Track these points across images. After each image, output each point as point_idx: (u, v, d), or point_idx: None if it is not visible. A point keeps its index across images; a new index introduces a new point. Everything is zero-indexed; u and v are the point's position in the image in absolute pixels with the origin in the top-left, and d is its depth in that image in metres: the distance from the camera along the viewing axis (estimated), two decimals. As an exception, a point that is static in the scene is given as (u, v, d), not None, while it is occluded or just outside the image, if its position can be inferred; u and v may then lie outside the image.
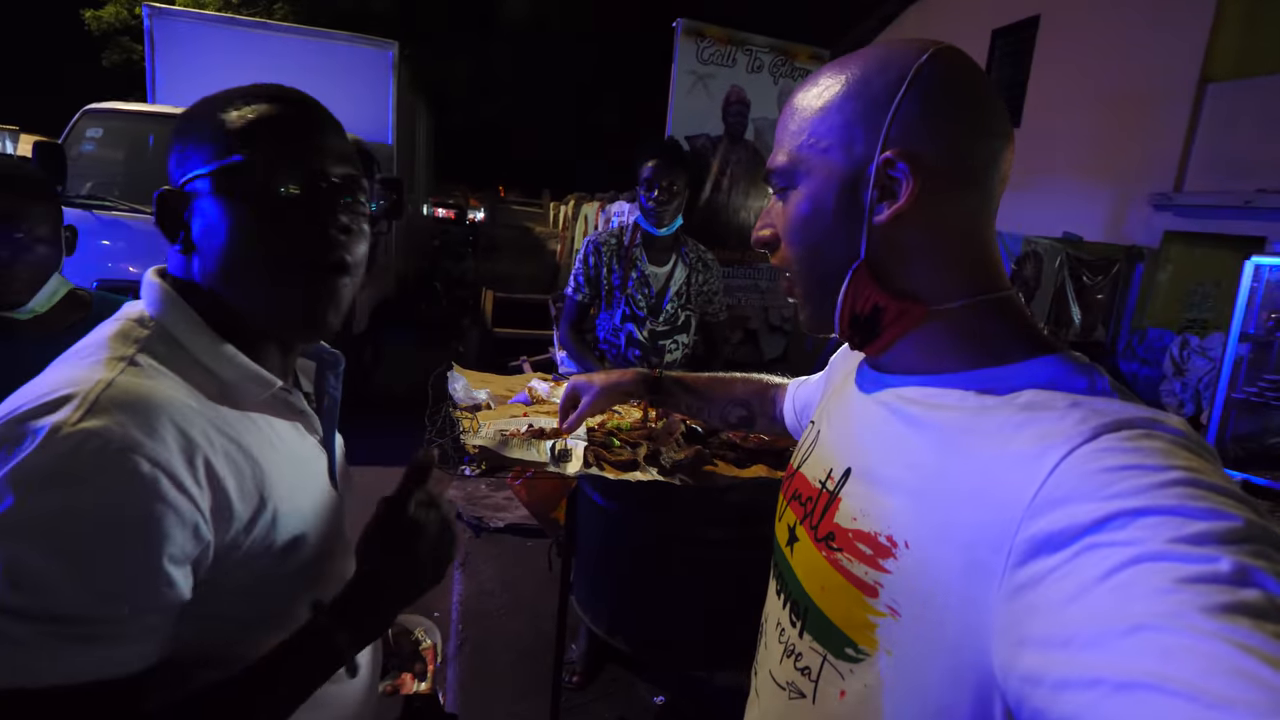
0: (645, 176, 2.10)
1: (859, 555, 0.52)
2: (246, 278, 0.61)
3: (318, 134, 0.63)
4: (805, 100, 0.57)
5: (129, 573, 0.49)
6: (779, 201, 0.59)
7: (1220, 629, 0.29)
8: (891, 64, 0.53)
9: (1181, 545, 0.33)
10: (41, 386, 0.52)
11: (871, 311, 0.54)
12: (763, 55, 4.10)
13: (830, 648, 0.54)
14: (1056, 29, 8.06)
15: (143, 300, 0.62)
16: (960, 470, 0.47)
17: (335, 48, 5.44)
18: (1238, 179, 6.10)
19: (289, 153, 0.61)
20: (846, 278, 0.54)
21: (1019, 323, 0.53)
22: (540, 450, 1.31)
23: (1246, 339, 3.27)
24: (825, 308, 0.57)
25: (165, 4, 5.76)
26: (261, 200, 0.59)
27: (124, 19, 14.46)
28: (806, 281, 0.58)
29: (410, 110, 6.58)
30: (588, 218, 7.89)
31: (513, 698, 2.18)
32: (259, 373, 0.62)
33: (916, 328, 0.54)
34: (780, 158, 0.58)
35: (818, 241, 0.56)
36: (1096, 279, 6.48)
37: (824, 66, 0.57)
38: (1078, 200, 7.51)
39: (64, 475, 0.47)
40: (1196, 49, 6.42)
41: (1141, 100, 6.89)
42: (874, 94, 0.52)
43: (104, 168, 4.01)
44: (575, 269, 2.26)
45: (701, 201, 4.08)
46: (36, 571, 0.46)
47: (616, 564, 1.62)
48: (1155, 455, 0.38)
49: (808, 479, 0.64)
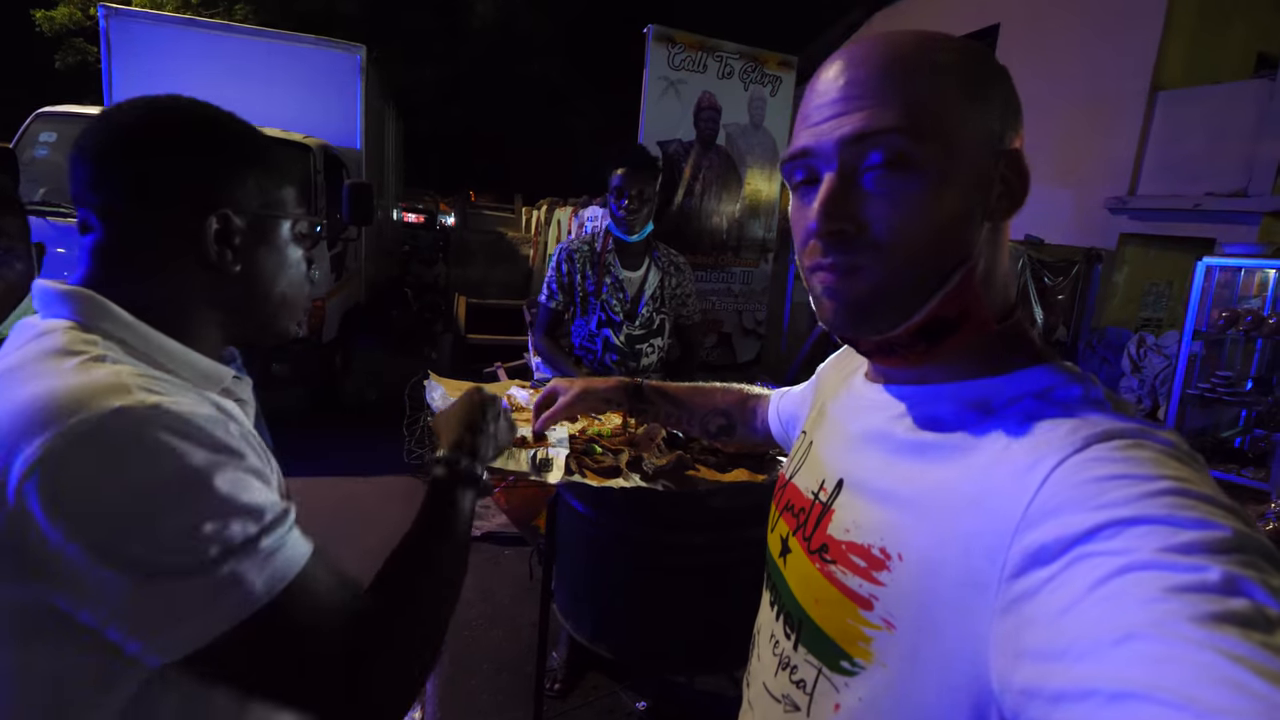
0: (615, 184, 2.11)
1: (853, 567, 0.51)
2: (277, 299, 0.72)
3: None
4: (910, 60, 0.48)
5: (258, 481, 0.56)
6: (869, 178, 0.48)
7: (1209, 638, 0.29)
8: (990, 56, 0.50)
9: (1171, 555, 0.33)
10: (43, 403, 0.50)
11: (956, 317, 0.49)
12: (733, 61, 4.14)
13: (825, 660, 0.54)
14: (1015, 37, 8.32)
15: (61, 314, 0.60)
16: (954, 482, 0.46)
17: (301, 51, 5.33)
18: (1188, 183, 6.37)
19: (307, 204, 0.70)
20: (955, 277, 0.48)
21: (1023, 334, 0.52)
22: (521, 459, 1.30)
23: (1199, 336, 3.40)
24: (902, 309, 0.49)
25: (121, 4, 5.59)
26: (308, 240, 0.76)
27: (78, 20, 13.98)
28: (894, 277, 0.49)
29: (379, 114, 6.49)
30: (560, 222, 7.87)
31: (493, 708, 2.16)
32: (215, 366, 0.66)
33: (972, 340, 0.51)
34: (889, 120, 0.46)
35: (935, 233, 0.48)
36: (1057, 280, 6.68)
37: (900, 34, 0.50)
38: (1038, 204, 7.74)
39: (174, 431, 0.52)
40: (1147, 58, 6.69)
41: (1097, 107, 7.14)
42: (993, 80, 0.49)
43: (58, 173, 3.88)
44: (548, 276, 2.26)
45: (674, 207, 4.11)
46: (218, 506, 0.52)
47: (598, 571, 1.61)
48: (1145, 465, 0.38)
49: (800, 490, 0.63)
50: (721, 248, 4.39)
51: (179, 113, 0.64)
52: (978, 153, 0.48)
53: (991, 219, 0.49)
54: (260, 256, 0.68)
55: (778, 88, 4.32)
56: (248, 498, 0.54)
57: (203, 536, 0.50)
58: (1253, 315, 3.17)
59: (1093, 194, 7.23)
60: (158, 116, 0.63)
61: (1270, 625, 0.30)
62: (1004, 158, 0.49)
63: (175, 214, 0.62)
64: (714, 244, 4.35)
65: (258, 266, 0.67)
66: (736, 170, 4.31)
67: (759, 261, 4.52)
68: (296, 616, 0.54)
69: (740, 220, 4.39)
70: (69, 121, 3.98)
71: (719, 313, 4.49)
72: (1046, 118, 7.69)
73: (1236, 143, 6.06)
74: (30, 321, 0.60)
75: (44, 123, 3.91)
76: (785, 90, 4.35)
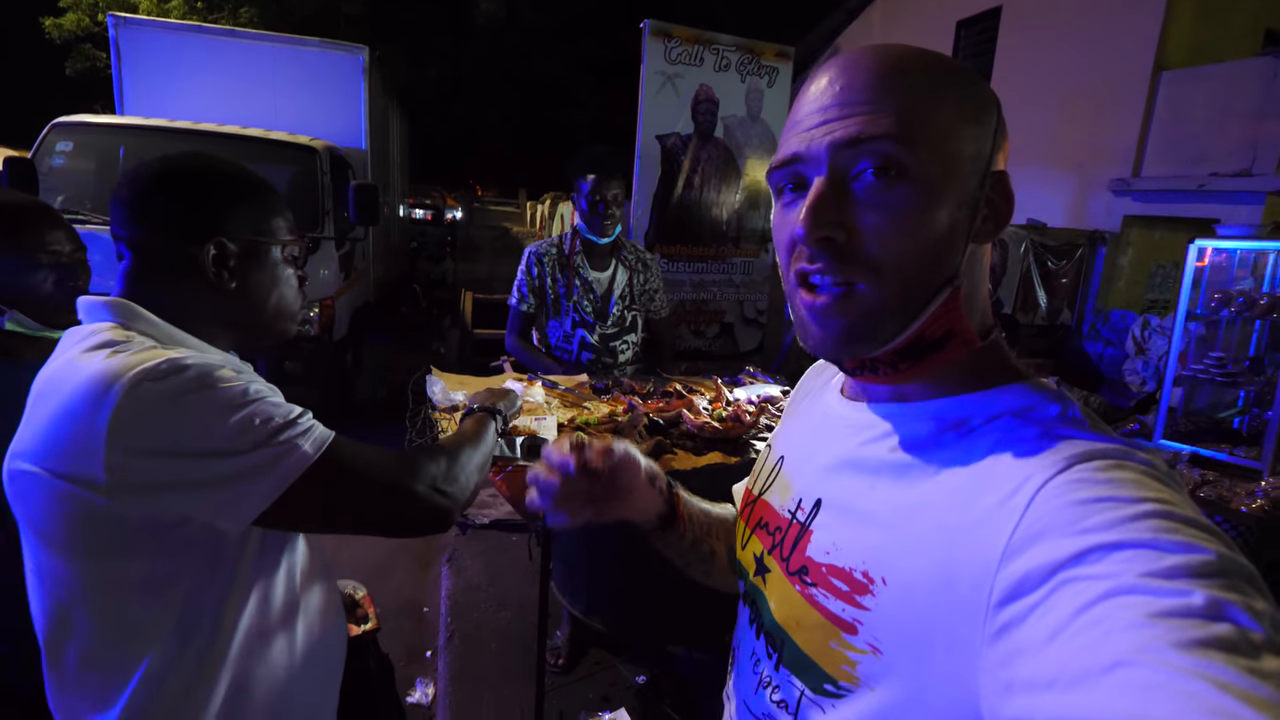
0: (586, 190, 2.13)
1: (835, 591, 0.50)
2: (279, 310, 0.90)
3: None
4: (909, 73, 0.47)
5: (276, 398, 0.76)
6: (861, 187, 0.47)
7: (1195, 665, 0.29)
8: (981, 83, 0.50)
9: (1155, 579, 0.33)
10: (105, 370, 0.67)
11: (942, 337, 0.49)
12: (729, 54, 4.19)
13: (809, 683, 0.53)
14: (1018, 19, 8.26)
15: (103, 319, 0.77)
16: (936, 506, 0.46)
17: (305, 54, 5.43)
18: (1192, 164, 6.32)
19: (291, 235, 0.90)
20: (941, 297, 0.47)
21: (1000, 351, 0.53)
22: (512, 445, 1.40)
23: (1194, 318, 3.42)
24: (889, 328, 0.48)
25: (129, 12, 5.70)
26: (294, 261, 0.91)
27: (86, 26, 14.16)
28: (886, 295, 0.47)
29: (383, 114, 6.58)
30: (564, 216, 7.94)
31: (500, 682, 2.27)
32: (229, 358, 0.83)
33: (955, 360, 0.50)
34: (883, 127, 0.45)
35: (926, 246, 0.47)
36: (1061, 263, 6.67)
37: (895, 46, 0.49)
38: (1041, 187, 7.72)
39: (209, 372, 0.70)
40: (1150, 38, 6.62)
41: (1100, 88, 7.09)
42: (986, 104, 0.49)
43: (75, 181, 4.01)
44: (518, 280, 2.28)
45: (674, 199, 4.18)
46: (256, 405, 0.71)
47: (590, 550, 1.71)
48: (1127, 486, 0.38)
49: (774, 508, 0.62)
50: (722, 239, 4.45)
51: (184, 163, 0.81)
52: (967, 171, 0.47)
53: (976, 240, 0.49)
54: (252, 275, 0.84)
55: (775, 79, 4.35)
56: (275, 399, 0.75)
57: (253, 426, 0.70)
58: (1244, 296, 3.20)
59: (1096, 176, 7.20)
60: (167, 168, 0.80)
61: (1255, 650, 0.30)
62: (991, 179, 0.48)
63: (181, 243, 0.79)
64: (714, 235, 4.41)
65: (250, 283, 0.84)
66: (735, 162, 4.36)
67: (759, 252, 4.58)
68: (349, 461, 0.76)
69: (740, 211, 4.44)
70: (85, 131, 4.10)
71: (721, 303, 4.56)
72: (1048, 100, 7.65)
73: (1241, 122, 6.01)
74: (77, 328, 0.76)
75: (60, 132, 4.03)
76: (782, 81, 4.39)
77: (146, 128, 4.20)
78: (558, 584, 1.82)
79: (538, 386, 1.83)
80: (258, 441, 0.69)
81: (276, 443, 0.71)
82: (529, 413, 1.53)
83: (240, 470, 0.68)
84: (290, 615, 0.83)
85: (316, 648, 0.86)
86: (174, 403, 0.67)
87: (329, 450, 0.74)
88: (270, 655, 0.80)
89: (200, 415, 0.68)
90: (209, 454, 0.67)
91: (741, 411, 1.61)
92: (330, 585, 0.93)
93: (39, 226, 1.15)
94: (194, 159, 0.83)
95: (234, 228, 0.82)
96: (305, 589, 0.86)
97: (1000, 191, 0.49)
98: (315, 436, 0.74)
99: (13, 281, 1.13)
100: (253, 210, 0.84)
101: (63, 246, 1.17)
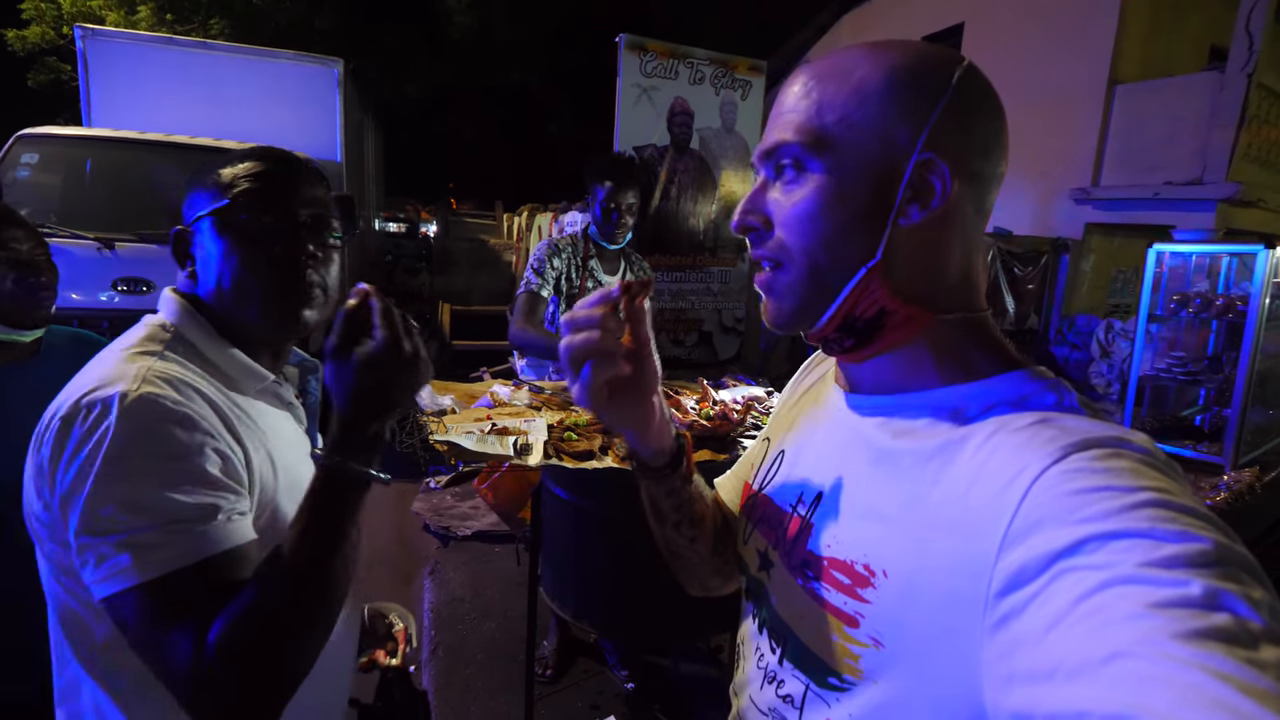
0: (601, 196, 2.13)
1: (837, 585, 0.51)
2: (235, 293, 0.75)
3: (289, 182, 0.78)
4: (829, 77, 0.51)
5: (208, 477, 0.64)
6: (779, 184, 0.53)
7: (1194, 656, 0.29)
8: (934, 64, 0.50)
9: (1153, 569, 0.33)
10: (97, 373, 0.66)
11: (875, 315, 0.51)
12: (704, 67, 4.27)
13: (813, 677, 0.53)
14: (979, 35, 8.54)
15: (161, 312, 0.76)
16: (935, 497, 0.46)
17: (279, 67, 5.40)
18: (1147, 173, 6.58)
19: (264, 197, 0.76)
20: (855, 278, 0.51)
21: (992, 339, 0.53)
22: (504, 444, 1.40)
23: (1155, 319, 3.55)
24: (815, 306, 0.53)
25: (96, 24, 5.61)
26: (242, 232, 0.75)
27: (50, 39, 13.86)
28: (801, 276, 0.52)
29: (358, 126, 6.56)
30: (541, 228, 7.95)
31: (488, 694, 2.25)
32: (255, 368, 0.78)
33: (912, 339, 0.52)
34: (789, 134, 0.51)
35: (830, 235, 0.51)
36: (1027, 270, 6.87)
37: (842, 50, 0.53)
38: (1006, 196, 7.95)
39: (141, 427, 0.63)
40: (1105, 54, 6.90)
41: (1059, 101, 7.35)
42: (919, 90, 0.49)
43: (41, 194, 3.92)
44: (534, 264, 2.21)
45: (652, 210, 4.22)
46: (146, 498, 0.61)
47: (579, 552, 1.71)
48: (1124, 475, 0.38)
49: (775, 503, 0.62)
50: (699, 248, 4.50)
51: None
52: (882, 158, 0.49)
53: (904, 222, 0.50)
54: (204, 260, 0.76)
55: (748, 91, 4.44)
56: (165, 493, 0.62)
57: (114, 513, 0.60)
58: (1201, 298, 3.34)
59: (1058, 186, 7.45)
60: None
61: (1254, 640, 0.30)
62: (917, 161, 0.49)
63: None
64: (691, 245, 4.46)
65: (205, 270, 0.76)
66: (711, 173, 4.43)
67: (736, 261, 4.64)
68: (162, 607, 0.60)
69: (716, 221, 4.51)
70: (49, 143, 4.02)
71: (699, 311, 4.61)
72: (1011, 113, 7.72)
73: (1191, 133, 6.28)
74: (147, 316, 0.76)
75: (25, 144, 3.95)
76: (755, 94, 4.48)
77: (115, 139, 4.12)
78: (546, 588, 1.82)
79: (524, 391, 1.83)
80: (107, 531, 0.61)
81: (117, 544, 0.60)
82: (517, 416, 1.54)
83: (85, 548, 0.61)
84: None
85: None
86: (77, 444, 0.63)
87: (165, 580, 0.60)
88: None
89: (83, 470, 0.62)
90: (69, 517, 0.62)
91: (729, 410, 1.64)
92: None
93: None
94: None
95: (188, 213, 0.79)
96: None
97: (928, 175, 0.49)
98: (161, 555, 0.60)
99: None
100: (194, 192, 0.78)
101: (20, 244, 1.16)
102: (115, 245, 3.56)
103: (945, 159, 0.49)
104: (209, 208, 0.75)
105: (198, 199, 0.77)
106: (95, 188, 4.00)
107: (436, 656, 2.46)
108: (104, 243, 3.54)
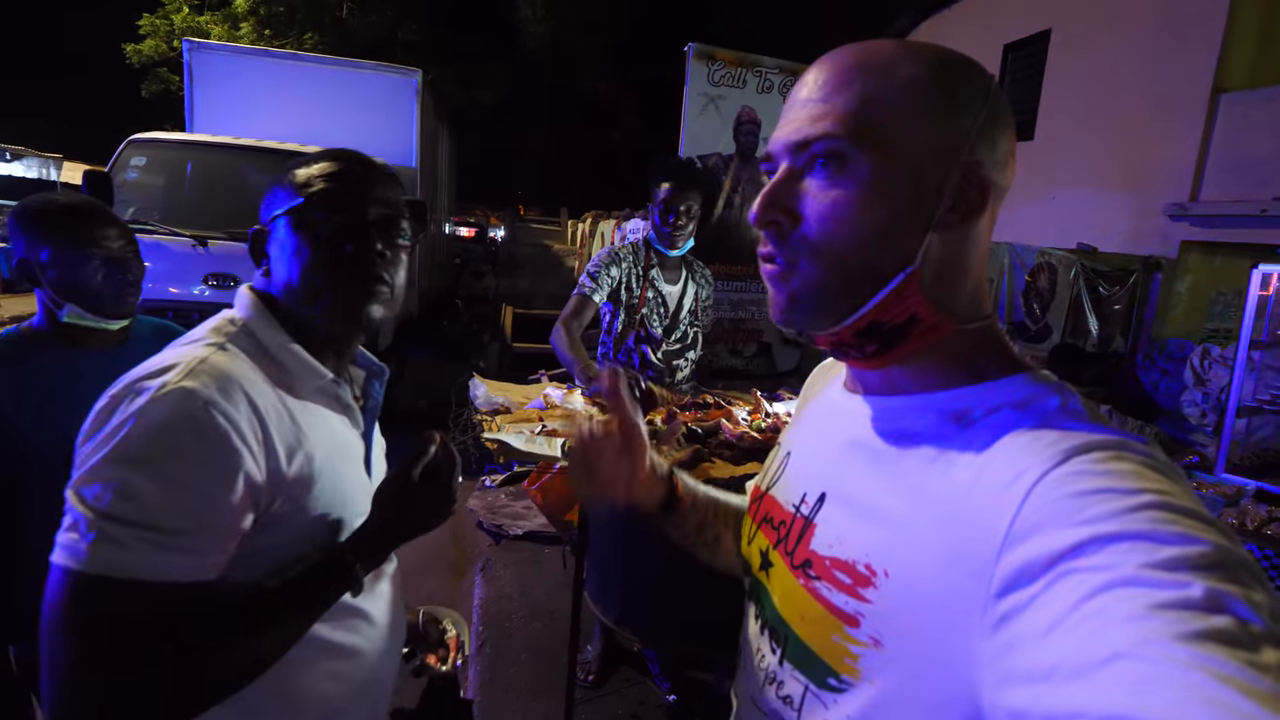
0: (661, 198, 2.09)
1: (838, 584, 0.51)
2: (304, 289, 0.78)
3: (361, 182, 0.79)
4: (869, 71, 0.49)
5: (204, 499, 0.64)
6: (810, 179, 0.50)
7: (1194, 657, 0.29)
8: (973, 71, 0.50)
9: (1154, 571, 0.33)
10: (158, 360, 0.70)
11: (904, 322, 0.50)
12: (772, 76, 4.22)
13: (812, 677, 0.53)
14: (1068, 42, 8.11)
15: (236, 307, 0.79)
16: (937, 498, 0.46)
17: (362, 77, 5.69)
18: (1253, 187, 6.08)
19: (337, 196, 0.77)
20: (893, 283, 0.49)
21: (999, 344, 0.53)
22: (552, 445, 1.42)
23: (1258, 346, 3.28)
24: (836, 308, 0.51)
25: (202, 39, 6.06)
26: (315, 231, 0.77)
27: (162, 52, 15.12)
28: (825, 276, 0.50)
29: (433, 133, 6.81)
30: (604, 235, 8.06)
31: (530, 694, 2.27)
32: (315, 365, 0.79)
33: (931, 346, 0.51)
34: (830, 125, 0.48)
35: (868, 236, 0.49)
36: (1113, 289, 6.46)
37: (865, 44, 0.51)
38: (1090, 211, 7.51)
39: (164, 421, 0.63)
40: (1209, 60, 6.43)
41: (1154, 111, 6.89)
42: (965, 96, 0.49)
43: (146, 193, 4.24)
44: (592, 268, 2.18)
45: (714, 219, 4.20)
46: (139, 489, 0.61)
47: (624, 559, 1.71)
48: (1126, 478, 0.38)
49: (779, 503, 0.62)
50: (761, 258, 4.45)
51: None
52: (926, 162, 0.48)
53: (941, 229, 0.49)
54: (278, 258, 0.78)
55: (816, 100, 4.37)
56: (156, 490, 0.61)
57: (101, 491, 0.60)
58: (1313, 324, 3.05)
59: (1151, 200, 6.96)
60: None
61: (1254, 642, 0.30)
62: (962, 169, 0.48)
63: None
64: (754, 255, 4.39)
65: (279, 268, 0.78)
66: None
67: (797, 272, 4.56)
68: (90, 606, 0.59)
69: (778, 231, 4.44)
70: (157, 146, 4.35)
71: (759, 322, 4.55)
72: (1099, 123, 7.46)
73: (1307, 145, 5.77)
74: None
75: (135, 148, 4.29)
76: (824, 103, 4.40)
77: (212, 144, 4.43)
78: (590, 593, 1.82)
79: (577, 395, 1.85)
80: (88, 508, 0.61)
81: (90, 521, 0.60)
82: (568, 418, 1.55)
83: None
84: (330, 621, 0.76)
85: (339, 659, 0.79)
86: (113, 422, 0.65)
87: (99, 581, 0.59)
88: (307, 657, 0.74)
89: (101, 446, 0.63)
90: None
91: (781, 423, 1.60)
92: (389, 599, 0.88)
93: (88, 223, 1.22)
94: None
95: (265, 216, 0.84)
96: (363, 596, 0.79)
97: (972, 181, 0.49)
98: (118, 558, 0.59)
99: (67, 276, 1.20)
100: (274, 193, 0.82)
101: (112, 241, 1.24)
102: (209, 242, 3.81)
103: (985, 165, 0.49)
104: (285, 207, 0.77)
105: (275, 199, 0.79)
106: (194, 188, 4.30)
107: (483, 653, 2.50)
108: (199, 240, 3.80)
